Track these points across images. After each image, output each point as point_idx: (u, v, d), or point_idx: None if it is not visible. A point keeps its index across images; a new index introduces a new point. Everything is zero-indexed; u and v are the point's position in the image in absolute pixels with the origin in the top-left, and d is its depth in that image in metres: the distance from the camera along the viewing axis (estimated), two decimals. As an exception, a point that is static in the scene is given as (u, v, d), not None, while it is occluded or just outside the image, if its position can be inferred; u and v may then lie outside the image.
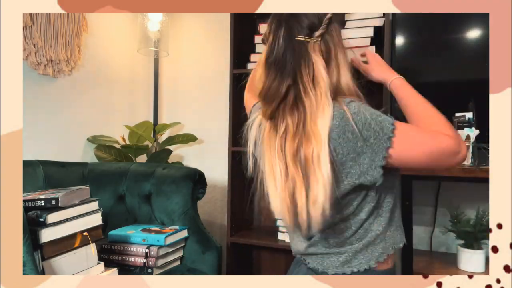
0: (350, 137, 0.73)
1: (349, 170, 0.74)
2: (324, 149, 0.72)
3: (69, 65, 1.76)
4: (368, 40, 1.60)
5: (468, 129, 1.32)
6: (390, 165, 0.74)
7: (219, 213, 2.15)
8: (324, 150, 0.72)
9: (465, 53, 1.50)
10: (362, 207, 0.79)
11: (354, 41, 1.63)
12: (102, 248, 1.40)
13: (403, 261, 1.36)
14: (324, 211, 0.71)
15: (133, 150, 1.95)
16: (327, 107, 0.76)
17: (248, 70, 1.78)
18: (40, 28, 1.62)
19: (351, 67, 0.86)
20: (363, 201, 0.78)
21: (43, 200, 1.07)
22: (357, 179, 0.75)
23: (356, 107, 0.75)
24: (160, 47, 2.03)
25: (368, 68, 1.01)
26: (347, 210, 0.78)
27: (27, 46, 1.58)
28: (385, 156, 0.72)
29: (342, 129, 0.74)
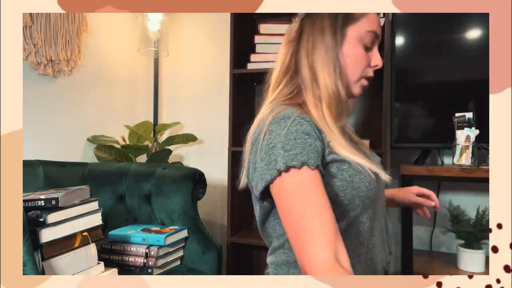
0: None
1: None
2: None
3: (69, 65, 1.76)
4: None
5: (468, 129, 1.32)
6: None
7: (219, 213, 2.15)
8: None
9: (465, 53, 1.50)
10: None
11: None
12: (102, 248, 1.40)
13: (403, 261, 1.36)
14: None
15: (133, 150, 1.95)
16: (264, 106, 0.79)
17: (248, 70, 1.78)
18: (40, 28, 1.62)
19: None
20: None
21: (43, 200, 1.07)
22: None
23: (274, 124, 0.68)
24: (160, 47, 2.03)
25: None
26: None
27: (27, 46, 1.58)
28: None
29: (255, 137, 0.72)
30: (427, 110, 1.57)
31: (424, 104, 1.57)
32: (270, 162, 0.65)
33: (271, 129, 0.68)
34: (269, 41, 1.80)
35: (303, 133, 0.66)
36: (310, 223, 0.60)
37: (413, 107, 1.59)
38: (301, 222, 0.61)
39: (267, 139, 0.67)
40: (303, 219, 0.61)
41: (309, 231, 0.60)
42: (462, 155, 1.32)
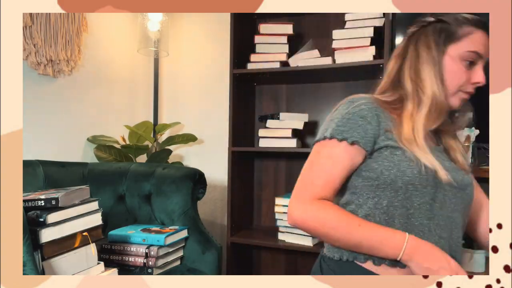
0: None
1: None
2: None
3: (69, 65, 1.76)
4: (368, 40, 1.60)
5: (468, 129, 1.32)
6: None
7: (219, 213, 2.15)
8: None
9: (465, 53, 1.49)
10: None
11: (354, 41, 1.63)
12: (102, 248, 1.40)
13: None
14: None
15: (133, 150, 1.95)
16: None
17: (248, 70, 1.79)
18: (40, 28, 1.62)
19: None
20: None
21: (43, 200, 1.07)
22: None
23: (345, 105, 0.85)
24: (160, 47, 2.03)
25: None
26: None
27: (27, 46, 1.58)
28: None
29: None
30: (427, 110, 1.56)
31: (424, 104, 1.57)
32: (325, 129, 0.84)
33: (339, 108, 0.86)
34: (269, 41, 1.80)
35: (358, 116, 0.81)
36: (312, 176, 0.82)
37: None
38: (307, 174, 0.83)
39: (333, 114, 0.86)
40: (311, 173, 0.82)
41: (309, 182, 0.81)
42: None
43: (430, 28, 0.87)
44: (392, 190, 0.80)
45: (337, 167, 0.81)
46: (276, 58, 1.78)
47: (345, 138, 0.80)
